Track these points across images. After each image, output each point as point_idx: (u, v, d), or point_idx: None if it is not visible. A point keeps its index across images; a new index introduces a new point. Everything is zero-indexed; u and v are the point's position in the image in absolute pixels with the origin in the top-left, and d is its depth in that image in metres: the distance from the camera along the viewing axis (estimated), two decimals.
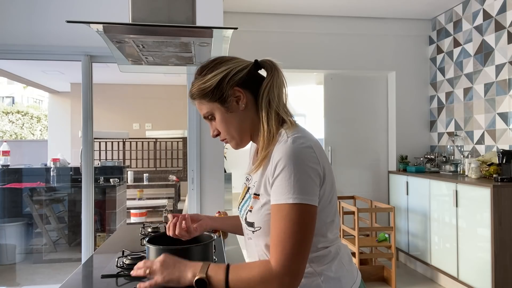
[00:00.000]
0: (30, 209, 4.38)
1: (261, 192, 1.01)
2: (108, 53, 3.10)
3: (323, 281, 0.99)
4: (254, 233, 1.03)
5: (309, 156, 0.94)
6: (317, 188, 0.94)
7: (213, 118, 1.07)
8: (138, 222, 4.64)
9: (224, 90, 1.02)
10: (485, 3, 3.58)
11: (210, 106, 1.05)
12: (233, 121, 1.05)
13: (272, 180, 0.95)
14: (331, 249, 1.03)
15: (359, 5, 3.94)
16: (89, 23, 1.22)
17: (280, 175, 0.93)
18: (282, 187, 0.92)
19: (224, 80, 1.02)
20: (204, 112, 1.07)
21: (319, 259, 1.01)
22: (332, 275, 1.01)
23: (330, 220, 1.02)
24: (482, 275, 2.95)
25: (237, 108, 1.04)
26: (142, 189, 5.94)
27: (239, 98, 1.04)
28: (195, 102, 1.08)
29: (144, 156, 6.36)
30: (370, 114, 4.52)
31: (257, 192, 1.02)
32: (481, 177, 3.26)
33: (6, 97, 13.96)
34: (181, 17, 1.36)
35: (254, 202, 1.03)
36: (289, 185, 0.91)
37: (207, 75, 1.03)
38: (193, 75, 1.10)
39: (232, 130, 1.06)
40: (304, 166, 0.92)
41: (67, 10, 3.06)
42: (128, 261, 1.39)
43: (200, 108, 1.08)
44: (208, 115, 1.07)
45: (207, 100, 1.04)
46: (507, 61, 3.32)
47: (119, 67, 1.84)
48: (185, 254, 1.14)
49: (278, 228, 0.92)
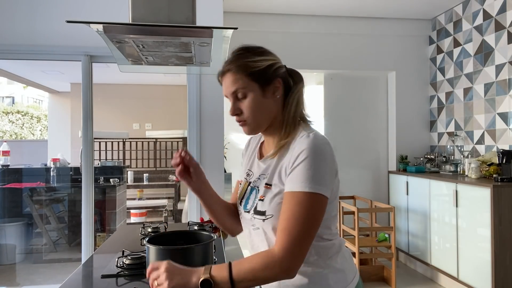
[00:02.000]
0: (30, 209, 4.38)
1: (274, 182, 1.06)
2: (108, 53, 3.10)
3: (330, 272, 1.05)
4: (264, 221, 1.06)
5: (329, 152, 1.01)
6: (331, 181, 1.01)
7: (242, 97, 1.07)
8: (138, 222, 4.64)
9: (270, 76, 1.07)
10: (485, 3, 3.58)
11: (248, 84, 1.06)
12: (262, 106, 1.08)
13: (290, 169, 1.00)
14: (335, 242, 1.09)
15: (359, 5, 3.94)
16: (89, 23, 1.22)
17: (300, 165, 0.98)
18: (300, 176, 0.97)
19: (272, 67, 1.08)
20: (236, 88, 1.06)
21: (325, 251, 1.06)
22: (338, 267, 1.07)
23: (334, 214, 1.09)
24: (482, 275, 2.95)
25: (271, 96, 1.09)
26: (142, 189, 5.94)
27: (277, 89, 1.09)
28: (227, 74, 1.08)
29: (144, 156, 6.36)
30: (370, 114, 4.52)
31: (270, 182, 1.07)
32: (481, 177, 3.26)
33: (6, 97, 13.96)
34: (181, 17, 1.36)
35: (266, 191, 1.07)
36: (308, 174, 0.97)
37: (256, 56, 1.07)
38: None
39: (258, 114, 1.08)
40: (324, 160, 0.99)
41: (67, 10, 3.05)
42: (128, 261, 1.39)
43: (232, 82, 1.07)
44: (240, 91, 1.06)
45: (249, 78, 1.05)
46: (507, 61, 3.32)
47: (119, 67, 1.84)
48: (185, 254, 1.14)
49: (289, 214, 0.96)
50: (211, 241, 1.22)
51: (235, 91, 1.07)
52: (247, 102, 1.07)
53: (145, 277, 1.02)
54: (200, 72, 2.52)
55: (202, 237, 1.31)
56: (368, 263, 3.93)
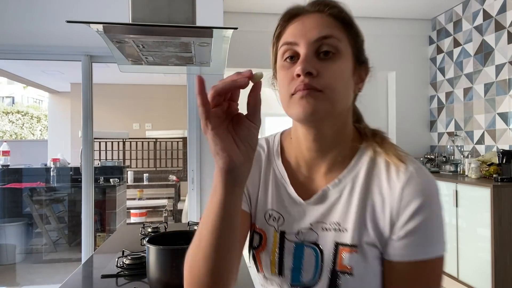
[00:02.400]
0: (30, 209, 4.38)
1: (366, 239, 0.68)
2: (108, 53, 3.10)
3: None
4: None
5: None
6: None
7: (328, 56, 0.69)
8: (138, 222, 4.64)
9: (365, 57, 0.81)
10: (485, 3, 3.58)
11: (345, 43, 0.72)
12: (347, 85, 0.73)
13: (405, 222, 0.66)
14: None
15: (359, 5, 3.94)
16: (89, 23, 1.22)
17: (428, 218, 0.66)
18: (431, 234, 0.66)
19: (365, 52, 0.81)
20: (332, 34, 0.70)
21: None
22: None
23: None
24: (482, 275, 2.95)
25: (358, 78, 0.79)
26: (142, 189, 5.94)
27: (364, 78, 0.81)
28: (321, 15, 0.72)
29: (144, 156, 6.36)
30: (370, 114, 4.50)
31: (357, 241, 0.68)
32: (481, 177, 3.26)
33: (6, 97, 13.96)
34: (181, 17, 1.36)
35: (354, 258, 0.68)
36: (439, 232, 0.67)
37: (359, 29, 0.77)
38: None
39: (342, 89, 0.71)
40: (441, 208, 0.69)
41: (67, 10, 3.06)
42: (128, 261, 1.39)
43: (327, 25, 0.71)
44: (332, 43, 0.69)
45: (348, 39, 0.73)
46: (507, 61, 3.32)
47: (119, 67, 1.84)
48: (185, 254, 1.14)
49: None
50: None
51: (326, 37, 0.69)
52: (335, 66, 0.69)
53: (145, 277, 1.01)
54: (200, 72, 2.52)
55: None
56: None
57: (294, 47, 0.70)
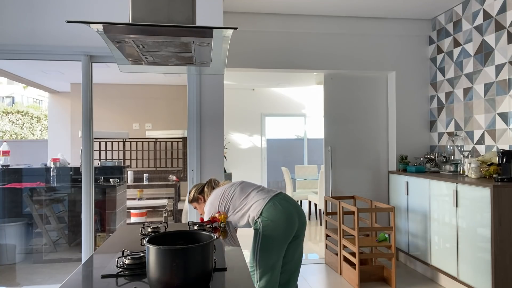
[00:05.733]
0: (30, 209, 4.38)
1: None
2: (108, 53, 3.11)
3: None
4: None
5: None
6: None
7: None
8: (138, 222, 4.64)
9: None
10: (485, 3, 3.58)
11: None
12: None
13: None
14: None
15: (359, 5, 3.94)
16: (89, 23, 1.22)
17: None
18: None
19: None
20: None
21: None
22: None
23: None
24: (482, 275, 2.95)
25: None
26: (142, 189, 5.94)
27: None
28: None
29: (144, 156, 6.36)
30: (370, 114, 4.52)
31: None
32: (481, 177, 3.26)
33: (6, 97, 13.96)
34: (181, 17, 1.36)
35: None
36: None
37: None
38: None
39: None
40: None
41: (67, 10, 3.06)
42: (128, 261, 1.39)
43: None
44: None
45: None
46: (507, 61, 3.32)
47: (119, 67, 1.84)
48: (185, 254, 1.14)
49: None
50: (211, 241, 1.22)
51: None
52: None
53: (145, 277, 1.02)
54: (200, 72, 2.52)
55: (202, 237, 1.31)
56: (368, 263, 3.93)
57: None
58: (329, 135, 4.43)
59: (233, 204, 2.24)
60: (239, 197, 2.25)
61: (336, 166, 4.41)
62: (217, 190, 2.34)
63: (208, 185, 2.44)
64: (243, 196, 2.25)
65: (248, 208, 2.21)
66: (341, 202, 3.82)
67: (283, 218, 2.17)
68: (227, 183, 2.39)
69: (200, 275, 1.16)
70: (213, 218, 2.25)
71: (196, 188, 2.46)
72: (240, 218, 2.23)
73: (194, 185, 2.52)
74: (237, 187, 2.30)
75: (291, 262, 2.32)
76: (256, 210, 2.18)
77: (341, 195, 4.35)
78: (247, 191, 2.28)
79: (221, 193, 2.29)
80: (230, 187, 2.31)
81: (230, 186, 2.32)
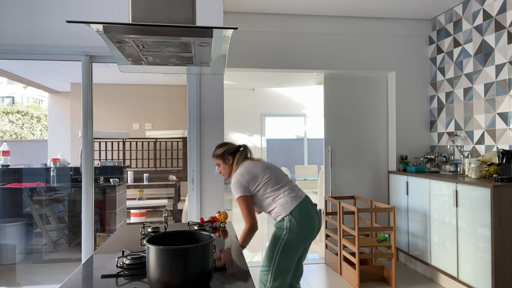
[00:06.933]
0: (30, 209, 4.38)
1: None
2: (108, 53, 3.11)
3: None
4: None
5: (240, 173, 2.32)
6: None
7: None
8: (138, 222, 4.65)
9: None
10: (485, 3, 3.58)
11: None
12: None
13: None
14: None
15: (359, 5, 3.94)
16: (89, 23, 1.22)
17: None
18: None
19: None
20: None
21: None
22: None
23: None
24: (482, 275, 2.95)
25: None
26: (142, 189, 5.94)
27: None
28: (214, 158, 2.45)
29: (144, 156, 6.36)
30: (370, 114, 4.52)
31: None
32: (481, 177, 3.26)
33: (6, 97, 13.96)
34: (181, 17, 1.36)
35: None
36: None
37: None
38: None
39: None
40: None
41: (67, 10, 3.06)
42: (128, 261, 1.39)
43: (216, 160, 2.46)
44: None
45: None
46: (507, 61, 3.32)
47: (119, 67, 1.84)
48: (185, 254, 1.14)
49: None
50: (211, 241, 1.22)
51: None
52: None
53: (145, 277, 1.01)
54: (200, 72, 2.52)
55: (202, 237, 1.31)
56: (368, 263, 3.93)
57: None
58: (329, 135, 4.43)
59: (265, 188, 2.21)
60: (273, 185, 2.22)
61: (336, 166, 4.41)
62: (251, 164, 2.28)
63: (242, 152, 2.35)
64: (276, 186, 2.23)
65: (276, 200, 2.21)
66: (341, 202, 3.82)
67: (310, 224, 2.19)
68: (261, 162, 2.32)
69: (200, 275, 1.16)
70: (213, 218, 2.25)
71: (227, 147, 2.35)
72: (267, 205, 2.23)
73: (224, 143, 2.41)
74: (272, 174, 2.26)
75: (301, 264, 2.38)
76: (285, 207, 2.18)
77: (341, 195, 4.35)
78: (280, 183, 2.25)
79: (256, 171, 2.24)
80: (265, 170, 2.26)
81: (266, 169, 2.27)
